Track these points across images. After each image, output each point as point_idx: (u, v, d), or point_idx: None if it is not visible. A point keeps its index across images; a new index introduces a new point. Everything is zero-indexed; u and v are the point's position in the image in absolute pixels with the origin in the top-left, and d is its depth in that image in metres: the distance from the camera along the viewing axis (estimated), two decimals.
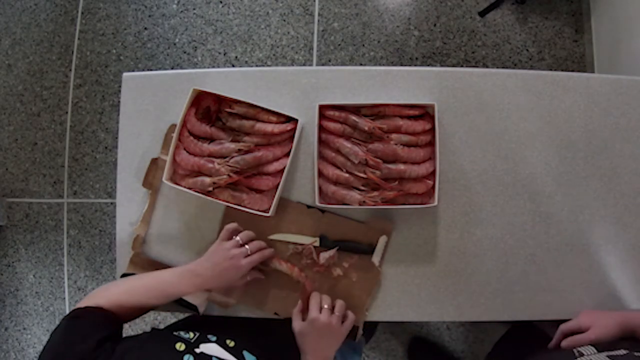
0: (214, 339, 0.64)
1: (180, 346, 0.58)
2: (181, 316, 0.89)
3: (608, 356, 0.63)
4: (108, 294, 0.67)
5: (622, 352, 0.63)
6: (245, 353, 0.66)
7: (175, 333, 0.61)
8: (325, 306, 0.73)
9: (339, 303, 0.75)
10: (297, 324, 0.73)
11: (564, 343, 0.70)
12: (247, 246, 0.74)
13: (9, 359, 1.89)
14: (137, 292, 0.69)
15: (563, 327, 0.72)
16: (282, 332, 0.77)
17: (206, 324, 0.81)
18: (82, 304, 0.64)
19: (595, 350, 0.67)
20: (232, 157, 0.77)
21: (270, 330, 0.81)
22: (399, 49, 1.75)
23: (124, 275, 0.85)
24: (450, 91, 0.82)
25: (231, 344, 0.66)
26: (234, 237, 0.75)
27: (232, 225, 0.77)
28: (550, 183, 0.81)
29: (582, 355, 0.67)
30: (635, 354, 0.62)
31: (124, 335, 0.65)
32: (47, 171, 1.90)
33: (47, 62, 1.94)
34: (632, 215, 0.81)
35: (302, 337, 0.72)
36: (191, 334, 0.63)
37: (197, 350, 0.59)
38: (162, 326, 1.73)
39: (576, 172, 0.81)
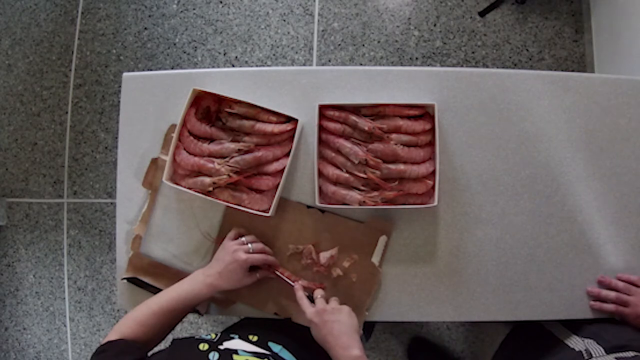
0: (236, 336, 0.65)
1: (204, 346, 0.59)
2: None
3: (616, 358, 0.63)
4: (130, 323, 0.68)
5: (631, 354, 0.63)
6: (271, 344, 0.67)
7: (196, 337, 0.62)
8: (319, 297, 0.74)
9: (318, 291, 0.77)
10: (312, 333, 0.71)
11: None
12: (250, 245, 0.75)
13: (9, 359, 1.89)
14: (159, 311, 0.70)
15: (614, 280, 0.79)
16: (300, 327, 0.78)
17: (224, 330, 0.82)
18: (106, 339, 0.65)
19: (604, 352, 0.67)
20: (232, 157, 0.77)
21: (288, 326, 0.81)
22: (399, 49, 1.75)
23: (123, 279, 0.85)
24: (450, 91, 0.82)
25: (254, 338, 0.67)
26: (239, 237, 0.78)
27: (240, 229, 0.80)
28: (550, 183, 0.81)
29: (590, 356, 0.67)
30: None
31: None
32: (47, 171, 1.90)
33: (47, 62, 1.94)
34: (632, 215, 0.81)
35: (319, 340, 0.69)
36: (213, 335, 0.64)
37: (221, 347, 0.60)
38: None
39: (576, 172, 0.81)
